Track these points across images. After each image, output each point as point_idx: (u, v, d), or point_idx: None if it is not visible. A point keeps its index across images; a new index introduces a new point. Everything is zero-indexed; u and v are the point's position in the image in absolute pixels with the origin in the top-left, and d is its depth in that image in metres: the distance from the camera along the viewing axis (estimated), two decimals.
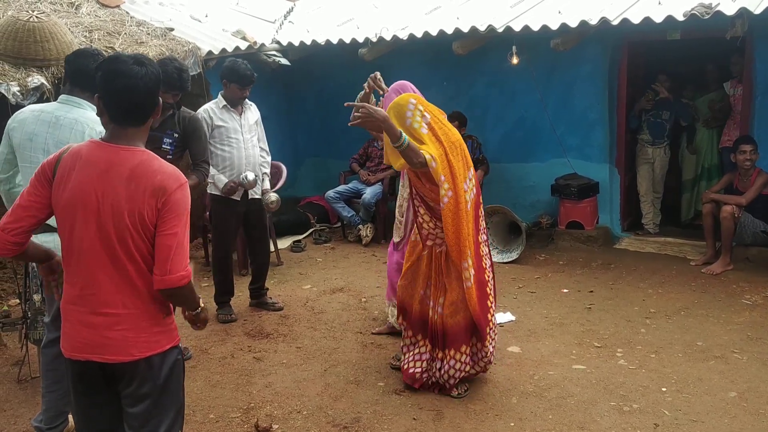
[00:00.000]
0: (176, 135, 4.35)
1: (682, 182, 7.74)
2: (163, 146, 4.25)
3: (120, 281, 2.24)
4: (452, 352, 3.89)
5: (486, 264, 3.97)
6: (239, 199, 5.13)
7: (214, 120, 5.04)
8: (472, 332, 3.90)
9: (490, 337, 3.95)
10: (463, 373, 3.91)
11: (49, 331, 3.44)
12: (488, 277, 3.98)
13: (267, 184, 5.35)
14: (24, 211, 2.29)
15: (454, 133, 3.82)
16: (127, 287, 2.25)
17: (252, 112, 5.28)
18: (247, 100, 5.22)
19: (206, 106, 5.13)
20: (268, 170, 5.40)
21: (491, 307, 3.96)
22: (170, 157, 4.22)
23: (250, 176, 5.03)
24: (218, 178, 5.03)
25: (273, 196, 5.30)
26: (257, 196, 5.23)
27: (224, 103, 5.10)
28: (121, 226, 2.19)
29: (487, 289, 3.95)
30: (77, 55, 3.33)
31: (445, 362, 3.90)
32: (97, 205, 2.19)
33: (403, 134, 3.54)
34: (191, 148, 4.47)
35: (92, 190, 2.19)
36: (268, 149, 5.43)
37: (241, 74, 5.01)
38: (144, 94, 2.24)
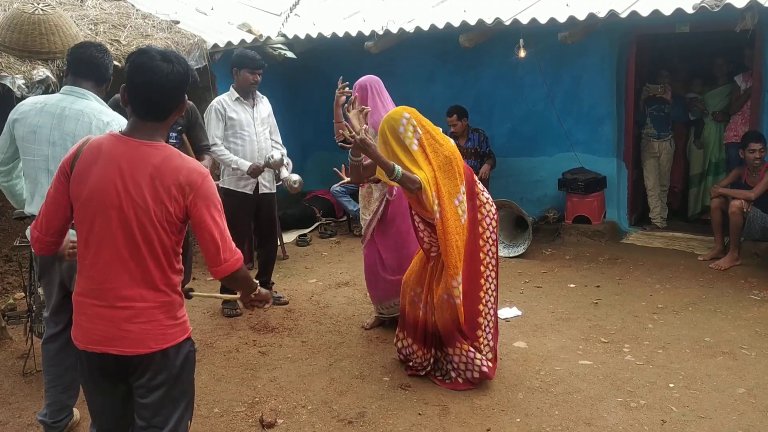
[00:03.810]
0: (179, 127, 4.34)
1: (690, 177, 7.68)
2: (169, 140, 4.24)
3: (139, 275, 2.25)
4: (452, 350, 3.90)
5: (485, 269, 3.92)
6: (251, 192, 5.11)
7: (227, 111, 5.03)
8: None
9: (484, 338, 3.93)
10: (481, 365, 3.86)
11: (49, 326, 3.41)
12: (485, 284, 3.92)
13: (285, 173, 5.30)
14: (54, 212, 2.32)
15: (447, 147, 3.79)
16: (147, 281, 2.26)
17: (264, 105, 5.26)
18: (259, 93, 5.20)
19: (219, 97, 5.13)
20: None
21: (483, 312, 3.92)
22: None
23: (276, 155, 5.02)
24: (242, 163, 5.00)
25: (295, 176, 5.26)
26: (267, 191, 5.21)
27: (237, 95, 5.08)
28: (146, 222, 2.20)
29: (480, 293, 3.90)
30: (80, 46, 3.31)
31: (454, 357, 3.90)
32: (119, 200, 2.19)
33: (396, 167, 3.54)
34: (194, 136, 4.46)
35: (115, 185, 2.19)
36: (281, 141, 5.40)
37: (250, 57, 5.02)
38: (167, 91, 2.24)
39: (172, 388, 2.36)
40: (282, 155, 5.10)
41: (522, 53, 6.60)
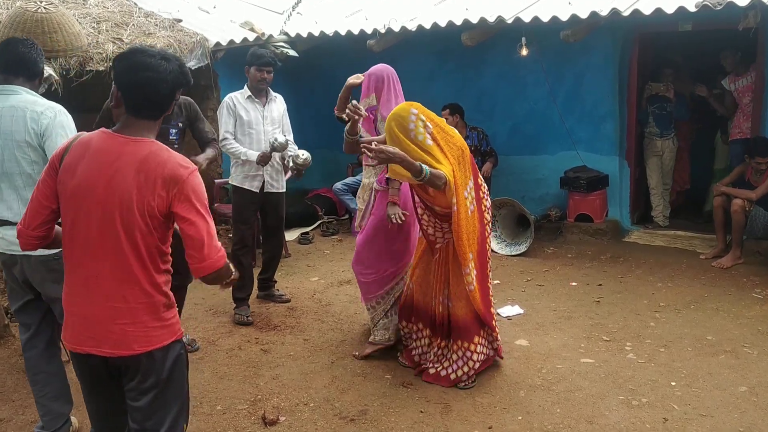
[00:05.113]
0: (180, 124, 4.32)
1: (714, 171, 7.64)
2: (170, 137, 4.23)
3: (121, 274, 2.22)
4: (466, 344, 3.91)
5: (489, 253, 4.00)
6: (257, 191, 5.12)
7: (237, 108, 5.04)
8: (481, 323, 3.93)
9: (495, 322, 4.03)
10: (481, 363, 3.92)
11: (20, 330, 3.36)
12: (489, 271, 4.02)
13: (292, 152, 5.19)
14: (38, 205, 2.30)
15: (458, 138, 3.79)
16: (129, 280, 2.22)
17: (277, 105, 5.24)
18: (272, 91, 5.19)
19: (232, 94, 5.12)
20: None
21: (491, 296, 4.03)
22: (176, 146, 4.20)
23: (280, 138, 4.96)
24: (251, 153, 5.00)
25: (300, 152, 5.08)
26: (275, 190, 5.21)
27: (249, 93, 5.09)
28: (130, 218, 2.17)
29: (488, 284, 3.99)
30: (6, 44, 3.23)
31: (459, 354, 3.91)
32: (104, 194, 2.17)
33: (424, 167, 3.46)
34: (197, 131, 4.43)
35: (99, 180, 2.18)
36: (293, 140, 5.36)
37: (257, 54, 5.02)
38: (167, 90, 2.25)
39: (162, 392, 2.33)
40: (285, 138, 5.07)
41: (524, 51, 6.59)
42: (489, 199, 4.05)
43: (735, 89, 6.84)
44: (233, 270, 2.40)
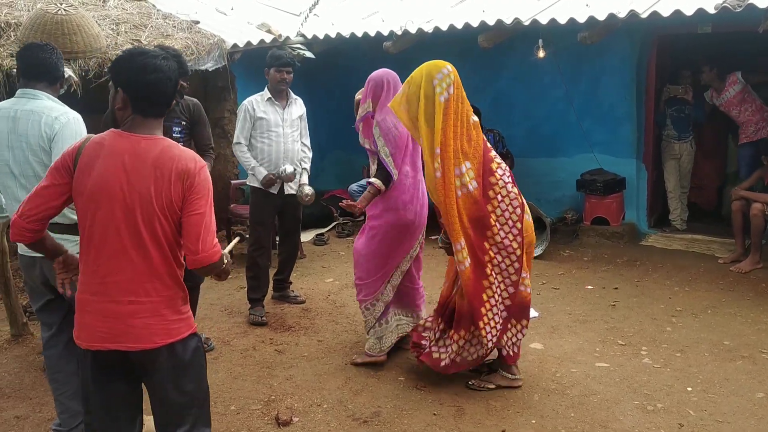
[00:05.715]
0: (184, 123, 4.34)
1: (727, 174, 7.59)
2: (174, 134, 4.24)
3: (143, 269, 2.27)
4: (456, 334, 3.84)
5: (489, 245, 3.71)
6: (276, 192, 5.15)
7: (256, 111, 5.08)
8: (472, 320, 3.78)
9: (486, 321, 3.73)
10: (458, 357, 3.86)
11: (42, 329, 3.41)
12: (490, 261, 3.73)
13: (305, 179, 5.31)
14: (40, 199, 2.34)
15: (476, 135, 3.70)
16: (150, 274, 2.28)
17: (297, 107, 5.28)
18: (292, 93, 5.23)
19: (251, 97, 5.17)
20: (308, 166, 5.38)
21: (488, 288, 3.72)
22: (181, 143, 4.20)
23: (289, 169, 5.05)
24: (258, 171, 5.06)
25: (307, 189, 5.24)
26: (293, 192, 5.24)
27: (269, 95, 5.12)
28: (150, 212, 2.24)
29: (487, 270, 3.70)
30: (26, 49, 3.27)
31: (452, 341, 3.87)
32: (122, 193, 2.23)
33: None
34: (197, 135, 4.46)
35: (117, 179, 2.23)
36: (309, 145, 5.42)
37: (276, 55, 5.07)
38: (172, 87, 2.36)
39: (184, 385, 2.38)
40: (294, 169, 5.12)
41: (541, 53, 6.57)
42: (514, 210, 3.75)
43: (719, 104, 6.82)
44: (225, 261, 2.44)
